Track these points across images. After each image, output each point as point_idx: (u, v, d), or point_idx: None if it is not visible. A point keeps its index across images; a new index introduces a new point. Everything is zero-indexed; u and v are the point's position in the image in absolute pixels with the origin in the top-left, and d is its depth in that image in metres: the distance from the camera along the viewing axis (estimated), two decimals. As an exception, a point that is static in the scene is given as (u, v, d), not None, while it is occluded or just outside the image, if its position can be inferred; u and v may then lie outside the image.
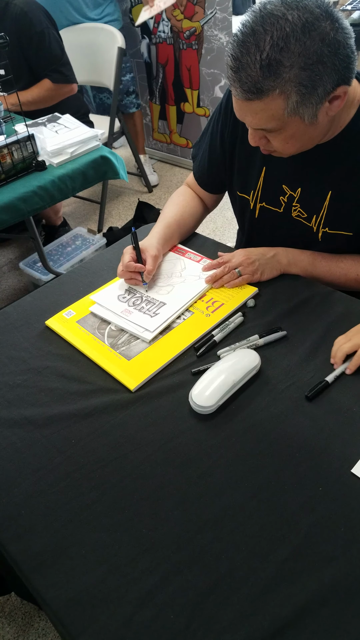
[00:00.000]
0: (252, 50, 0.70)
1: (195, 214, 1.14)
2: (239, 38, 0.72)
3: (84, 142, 1.65)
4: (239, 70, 0.73)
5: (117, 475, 0.70)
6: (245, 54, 0.71)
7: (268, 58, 0.70)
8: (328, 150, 0.88)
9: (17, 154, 1.51)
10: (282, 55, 0.70)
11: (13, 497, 0.69)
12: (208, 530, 0.64)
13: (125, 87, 2.64)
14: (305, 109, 0.75)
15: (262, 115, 0.77)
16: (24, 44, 1.91)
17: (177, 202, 1.13)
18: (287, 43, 0.69)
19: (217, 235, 2.45)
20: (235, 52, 0.72)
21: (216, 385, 0.77)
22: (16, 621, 1.22)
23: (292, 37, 0.69)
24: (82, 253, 2.18)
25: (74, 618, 0.57)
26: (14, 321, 0.97)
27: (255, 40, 0.70)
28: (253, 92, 0.73)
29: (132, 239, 1.01)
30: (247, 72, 0.72)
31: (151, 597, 0.58)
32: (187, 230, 1.13)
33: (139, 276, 0.98)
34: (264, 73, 0.71)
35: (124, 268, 0.97)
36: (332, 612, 0.56)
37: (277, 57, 0.70)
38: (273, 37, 0.69)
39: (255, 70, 0.71)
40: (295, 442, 0.72)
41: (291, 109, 0.75)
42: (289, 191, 0.97)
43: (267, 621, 0.56)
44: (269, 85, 0.72)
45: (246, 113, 0.79)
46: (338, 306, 0.93)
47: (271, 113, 0.76)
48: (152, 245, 1.02)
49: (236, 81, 0.74)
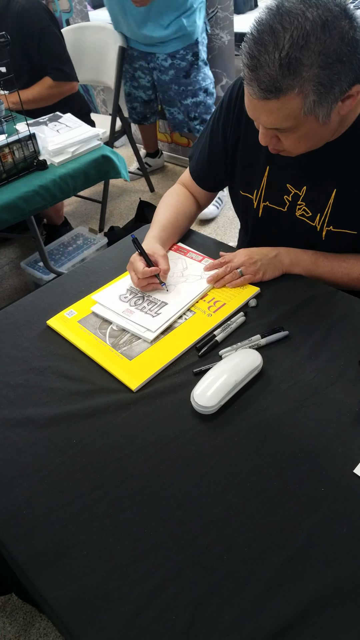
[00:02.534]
0: (270, 48, 0.69)
1: (189, 213, 1.14)
2: (254, 36, 0.71)
3: (85, 142, 1.65)
4: (257, 68, 0.71)
5: (119, 476, 0.70)
6: (263, 53, 0.70)
7: (288, 57, 0.69)
8: (334, 148, 0.88)
9: (18, 153, 1.51)
10: (302, 53, 0.69)
11: (15, 497, 0.69)
12: (210, 531, 0.63)
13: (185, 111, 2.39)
14: (321, 108, 0.74)
15: (278, 115, 0.76)
16: (26, 41, 1.91)
17: (170, 203, 1.12)
18: (308, 41, 0.68)
19: (218, 234, 2.45)
20: (252, 51, 0.71)
21: (218, 385, 0.77)
22: (17, 621, 1.22)
23: (313, 35, 0.68)
24: (83, 252, 2.18)
25: (76, 619, 0.57)
26: (16, 321, 0.97)
27: (274, 38, 0.69)
28: (271, 91, 0.72)
29: (135, 245, 0.99)
30: (265, 71, 0.71)
31: (153, 598, 0.58)
32: (182, 231, 1.13)
33: (157, 280, 0.97)
34: (284, 72, 0.70)
35: (140, 276, 0.95)
36: (335, 613, 0.56)
37: (297, 56, 0.69)
38: (293, 36, 0.68)
39: (274, 69, 0.70)
40: (298, 443, 0.72)
41: (308, 108, 0.74)
42: (294, 190, 0.97)
43: (269, 622, 0.55)
44: (287, 84, 0.71)
45: (261, 112, 0.77)
46: (340, 306, 0.92)
47: (287, 112, 0.75)
48: (156, 246, 1.01)
49: (253, 80, 0.73)
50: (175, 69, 2.24)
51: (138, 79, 2.39)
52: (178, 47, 2.20)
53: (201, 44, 2.24)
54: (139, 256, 0.98)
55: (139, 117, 2.59)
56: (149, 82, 2.39)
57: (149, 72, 2.35)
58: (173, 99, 2.36)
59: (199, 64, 2.25)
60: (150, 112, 2.57)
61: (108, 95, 3.24)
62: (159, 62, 2.26)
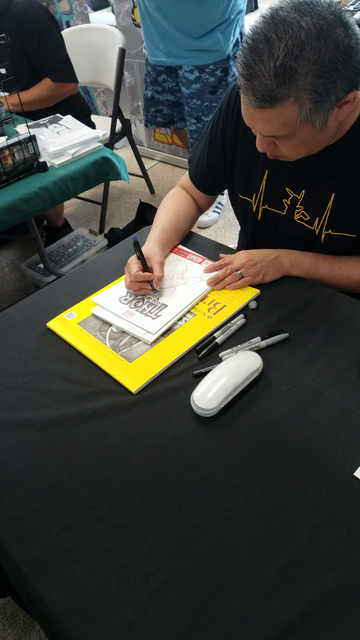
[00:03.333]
0: (265, 57, 0.70)
1: (189, 216, 1.14)
2: (250, 45, 0.71)
3: (85, 143, 1.65)
4: (252, 77, 0.72)
5: (119, 478, 0.70)
6: (258, 62, 0.70)
7: (283, 66, 0.69)
8: (332, 152, 0.88)
9: (18, 155, 1.51)
10: (297, 63, 0.69)
11: (14, 500, 0.69)
12: (210, 533, 0.63)
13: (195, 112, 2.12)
14: (318, 116, 0.74)
15: (274, 123, 0.76)
16: (25, 42, 1.92)
17: (171, 206, 1.13)
18: (302, 50, 0.68)
19: (218, 236, 2.45)
20: (247, 60, 0.71)
21: (218, 387, 0.77)
22: (17, 623, 1.22)
23: (307, 44, 0.68)
24: (83, 254, 2.18)
25: (76, 622, 0.57)
26: (15, 323, 0.97)
27: (268, 47, 0.69)
28: (267, 100, 0.72)
29: (135, 248, 1.00)
30: (260, 80, 0.71)
31: (153, 601, 0.58)
32: (182, 233, 1.13)
33: (149, 285, 0.97)
34: (279, 81, 0.70)
35: (133, 279, 0.95)
36: (335, 616, 0.56)
37: (292, 65, 0.69)
38: (287, 45, 0.68)
39: (269, 78, 0.70)
40: (298, 445, 0.72)
41: (304, 116, 0.74)
42: (293, 193, 0.97)
43: (269, 625, 0.55)
44: (283, 93, 0.71)
45: (257, 120, 0.78)
46: (341, 308, 0.92)
47: (283, 121, 0.75)
48: (155, 252, 1.01)
49: (249, 89, 0.73)
50: (202, 83, 2.03)
51: (162, 83, 2.15)
52: (208, 61, 1.98)
53: (232, 60, 2.01)
54: (136, 259, 0.98)
55: (164, 119, 2.31)
56: (177, 85, 2.14)
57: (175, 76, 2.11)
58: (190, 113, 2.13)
59: (227, 80, 2.06)
60: (178, 116, 2.29)
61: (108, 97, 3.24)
62: (181, 74, 2.04)
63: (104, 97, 3.26)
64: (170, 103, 2.24)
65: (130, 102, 3.08)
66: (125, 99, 3.04)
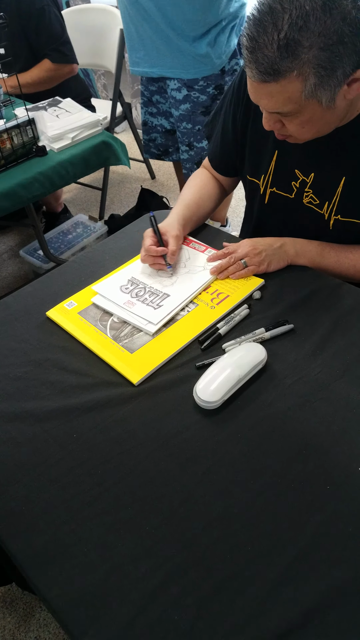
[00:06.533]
0: (269, 29, 0.67)
1: (213, 195, 1.12)
2: (255, 17, 0.69)
3: (85, 127, 1.62)
4: (255, 50, 0.69)
5: (120, 472, 0.69)
6: (262, 34, 0.68)
7: (286, 38, 0.67)
8: (343, 134, 0.85)
9: (17, 139, 1.47)
10: (301, 34, 0.66)
11: (13, 493, 0.67)
12: (213, 529, 0.62)
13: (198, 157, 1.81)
14: (324, 92, 0.72)
15: (278, 98, 0.74)
16: (24, 22, 1.87)
17: (194, 184, 1.12)
18: (307, 22, 0.66)
19: (220, 223, 2.41)
20: (252, 32, 0.69)
21: (221, 379, 0.75)
22: (17, 611, 1.22)
23: (312, 15, 0.65)
24: (83, 241, 2.15)
25: (76, 618, 0.56)
26: (14, 312, 0.95)
27: (272, 19, 0.67)
28: (269, 73, 0.70)
29: (151, 222, 0.99)
30: (263, 53, 0.69)
31: (154, 598, 0.57)
32: (205, 211, 1.11)
33: (162, 260, 0.96)
34: (282, 54, 0.68)
35: (146, 252, 0.95)
36: (340, 614, 0.55)
37: (296, 37, 0.67)
38: (292, 16, 0.66)
39: (272, 50, 0.68)
40: (302, 439, 0.70)
41: (309, 91, 0.72)
42: (302, 176, 0.95)
43: (273, 623, 0.54)
44: (286, 66, 0.69)
45: (261, 95, 0.76)
46: (347, 299, 0.90)
47: (288, 96, 0.73)
48: (173, 225, 1.00)
49: (252, 62, 0.71)
50: (192, 103, 1.68)
51: (157, 104, 1.83)
52: (196, 75, 1.63)
53: (229, 74, 1.67)
54: (151, 232, 0.98)
55: (158, 150, 1.97)
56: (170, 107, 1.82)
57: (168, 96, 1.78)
58: (181, 139, 1.82)
59: None
60: (173, 145, 1.94)
61: (109, 80, 3.18)
62: (169, 92, 1.72)
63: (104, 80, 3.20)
64: (165, 131, 1.90)
65: (130, 85, 3.02)
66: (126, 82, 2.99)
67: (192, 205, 1.07)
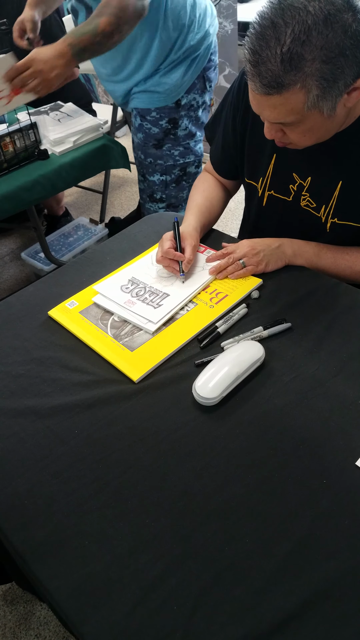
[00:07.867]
0: (272, 43, 0.68)
1: (221, 199, 1.14)
2: (257, 31, 0.70)
3: (86, 131, 1.64)
4: (258, 64, 0.71)
5: (120, 466, 0.70)
6: (265, 48, 0.69)
7: (289, 52, 0.68)
8: (341, 139, 0.87)
9: (19, 142, 1.49)
10: (304, 48, 0.68)
11: (16, 487, 0.68)
12: (211, 522, 0.63)
13: (150, 190, 1.72)
14: (325, 102, 0.73)
15: (281, 110, 0.75)
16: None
17: (203, 189, 1.13)
18: (309, 36, 0.67)
19: (220, 225, 2.43)
20: (254, 46, 0.70)
21: (220, 376, 0.76)
22: (18, 609, 1.23)
23: (314, 29, 0.67)
24: (84, 243, 2.17)
25: (77, 609, 0.57)
26: (17, 311, 0.96)
27: (275, 33, 0.68)
28: (273, 86, 0.71)
29: (174, 227, 1.00)
30: (267, 67, 0.70)
31: (154, 589, 0.58)
32: (215, 216, 1.13)
33: (177, 264, 0.97)
34: (285, 67, 0.69)
35: (163, 254, 0.96)
36: (336, 605, 0.56)
37: (299, 51, 0.68)
38: (294, 30, 0.67)
39: (275, 64, 0.69)
40: (300, 435, 0.71)
41: (311, 103, 0.73)
42: (299, 180, 0.96)
43: (270, 614, 0.55)
44: (289, 79, 0.70)
45: (264, 107, 0.77)
46: (344, 298, 0.92)
47: (290, 107, 0.74)
48: (192, 234, 1.01)
49: (255, 75, 0.72)
50: (144, 134, 1.60)
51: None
52: (147, 105, 1.54)
53: (187, 110, 1.55)
54: (172, 235, 0.99)
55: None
56: None
57: None
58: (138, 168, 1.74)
59: (177, 134, 1.57)
60: None
61: (109, 85, 3.20)
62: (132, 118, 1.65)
63: (105, 85, 3.22)
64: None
65: (131, 90, 3.04)
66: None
67: (205, 212, 1.08)
